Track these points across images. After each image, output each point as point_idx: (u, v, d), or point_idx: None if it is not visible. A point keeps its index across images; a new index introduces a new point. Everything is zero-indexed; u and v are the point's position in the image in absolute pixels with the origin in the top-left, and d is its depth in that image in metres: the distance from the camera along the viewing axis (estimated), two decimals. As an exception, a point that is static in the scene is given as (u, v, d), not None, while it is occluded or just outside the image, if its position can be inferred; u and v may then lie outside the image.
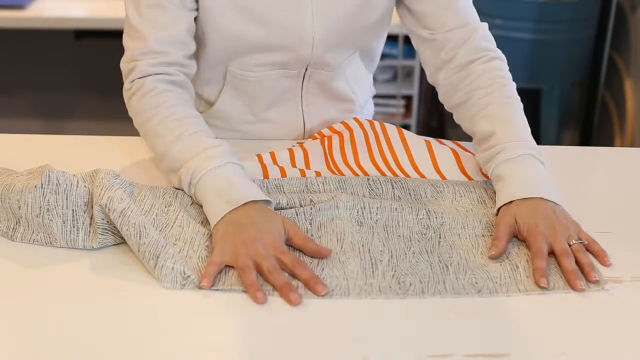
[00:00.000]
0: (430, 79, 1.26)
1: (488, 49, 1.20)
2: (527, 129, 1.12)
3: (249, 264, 0.92)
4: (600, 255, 0.99)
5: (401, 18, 1.27)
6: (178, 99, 1.13)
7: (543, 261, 0.95)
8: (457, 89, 1.20)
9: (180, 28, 1.15)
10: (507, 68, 1.20)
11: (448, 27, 1.19)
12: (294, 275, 0.92)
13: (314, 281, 0.91)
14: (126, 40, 1.17)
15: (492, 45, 1.21)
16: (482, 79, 1.17)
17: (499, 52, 1.21)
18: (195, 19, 1.19)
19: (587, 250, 0.99)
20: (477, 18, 1.22)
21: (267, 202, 1.02)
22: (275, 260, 0.93)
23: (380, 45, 1.35)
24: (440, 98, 1.25)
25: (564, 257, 0.96)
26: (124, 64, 1.17)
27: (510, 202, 1.03)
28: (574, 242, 0.99)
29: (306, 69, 1.25)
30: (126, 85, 1.16)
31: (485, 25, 1.22)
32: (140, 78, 1.14)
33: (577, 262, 0.96)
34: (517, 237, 1.02)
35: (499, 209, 1.04)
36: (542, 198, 1.03)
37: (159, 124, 1.10)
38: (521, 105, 1.16)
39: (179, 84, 1.16)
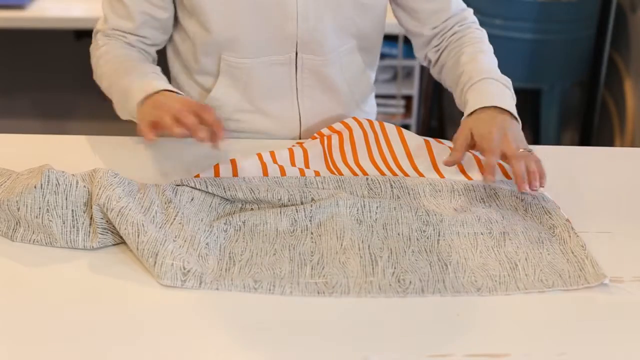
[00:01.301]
0: (420, 59, 1.37)
1: (470, 26, 1.32)
2: (495, 68, 1.23)
3: (163, 115, 1.07)
4: (541, 175, 1.06)
5: (395, 14, 1.33)
6: (125, 46, 1.28)
7: (493, 158, 1.05)
8: (440, 56, 1.32)
9: (135, 22, 1.27)
10: (486, 36, 1.31)
11: (443, 18, 1.30)
12: (200, 120, 1.06)
13: (217, 126, 1.06)
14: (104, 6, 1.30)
15: (475, 25, 1.33)
16: (458, 42, 1.29)
17: (481, 28, 1.33)
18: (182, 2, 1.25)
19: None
20: (464, 5, 1.34)
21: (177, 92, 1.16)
22: (184, 111, 1.07)
23: (377, 36, 1.36)
24: (431, 71, 1.36)
25: (515, 160, 1.05)
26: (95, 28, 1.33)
27: (470, 114, 1.13)
28: (522, 149, 1.07)
29: (297, 54, 1.26)
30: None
31: (471, 10, 1.34)
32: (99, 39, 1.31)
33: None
34: (473, 148, 1.11)
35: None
36: (498, 107, 1.12)
37: (104, 65, 1.26)
38: (495, 58, 1.27)
39: (133, 45, 1.29)
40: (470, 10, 1.34)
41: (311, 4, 1.22)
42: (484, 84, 1.17)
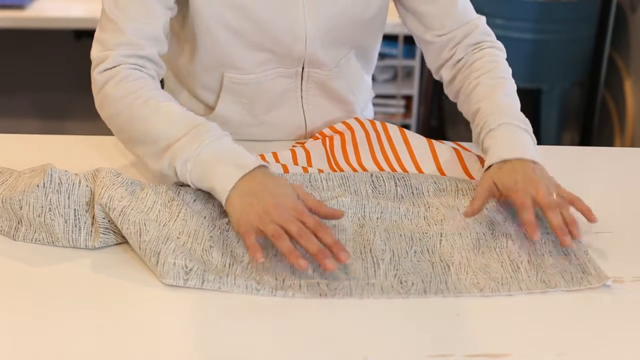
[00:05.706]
0: (434, 75, 1.30)
1: (484, 40, 1.24)
2: (512, 105, 1.14)
3: (279, 230, 0.93)
4: (587, 213, 0.99)
5: (404, 21, 1.28)
6: (156, 85, 1.12)
7: (530, 213, 0.97)
8: (455, 79, 1.24)
9: (157, 24, 1.13)
10: (503, 55, 1.24)
11: (450, 27, 1.23)
12: (317, 239, 0.92)
13: (337, 247, 0.91)
14: (99, 33, 1.13)
15: (490, 37, 1.25)
16: (474, 65, 1.21)
17: (497, 43, 1.25)
18: (184, 20, 1.19)
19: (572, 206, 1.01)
20: (474, 13, 1.26)
21: (268, 168, 1.03)
22: (300, 223, 0.93)
23: (375, 46, 1.35)
24: (445, 91, 1.29)
25: (550, 211, 0.97)
26: (96, 53, 1.13)
27: (489, 167, 1.06)
28: (555, 195, 1.00)
29: (303, 68, 1.25)
30: (96, 76, 1.11)
31: (484, 18, 1.26)
32: (113, 67, 1.10)
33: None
34: (499, 199, 1.05)
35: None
36: (520, 159, 1.05)
37: (143, 107, 1.07)
38: (513, 85, 1.19)
39: (151, 77, 1.13)
40: (483, 19, 1.25)
41: (317, 26, 1.19)
42: (504, 131, 1.09)
